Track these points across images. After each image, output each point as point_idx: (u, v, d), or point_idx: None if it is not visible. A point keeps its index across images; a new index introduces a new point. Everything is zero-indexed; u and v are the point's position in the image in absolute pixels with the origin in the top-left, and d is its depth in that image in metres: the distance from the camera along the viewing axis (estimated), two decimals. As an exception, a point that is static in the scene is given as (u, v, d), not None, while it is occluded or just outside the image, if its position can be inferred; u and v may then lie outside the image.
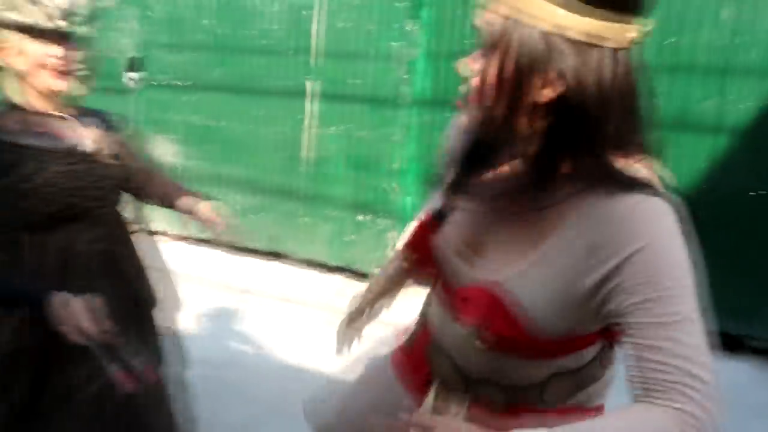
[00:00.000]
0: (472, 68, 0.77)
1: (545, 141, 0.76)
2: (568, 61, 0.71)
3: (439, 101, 3.74)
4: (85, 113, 1.40)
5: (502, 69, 0.73)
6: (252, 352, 3.01)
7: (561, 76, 0.71)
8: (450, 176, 0.91)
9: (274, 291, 3.88)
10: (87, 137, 1.36)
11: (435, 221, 0.91)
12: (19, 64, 1.25)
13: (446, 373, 0.98)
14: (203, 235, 4.55)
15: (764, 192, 3.31)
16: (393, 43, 3.90)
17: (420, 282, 1.11)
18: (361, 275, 4.10)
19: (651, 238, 0.73)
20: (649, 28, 0.74)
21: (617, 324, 0.76)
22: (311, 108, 4.14)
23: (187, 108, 4.57)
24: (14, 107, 1.29)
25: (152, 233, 1.59)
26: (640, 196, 0.74)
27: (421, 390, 1.03)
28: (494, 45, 0.73)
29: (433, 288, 1.01)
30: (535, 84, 0.72)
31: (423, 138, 4.00)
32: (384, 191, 4.03)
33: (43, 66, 1.26)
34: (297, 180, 4.25)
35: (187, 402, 1.56)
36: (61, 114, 1.33)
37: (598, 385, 0.96)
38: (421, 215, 0.96)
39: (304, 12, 4.06)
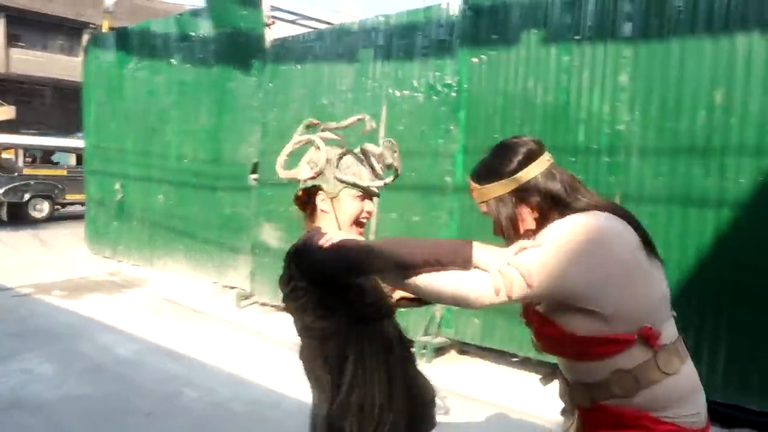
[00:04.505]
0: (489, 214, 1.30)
1: (541, 219, 1.24)
2: (533, 192, 1.23)
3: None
4: None
5: (507, 216, 1.26)
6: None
7: (532, 197, 1.23)
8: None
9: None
10: None
11: None
12: (340, 213, 1.46)
13: (565, 392, 1.34)
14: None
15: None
16: (439, 141, 4.46)
17: None
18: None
19: (559, 228, 1.17)
20: (549, 155, 1.27)
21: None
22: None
23: (289, 201, 5.54)
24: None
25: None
26: (575, 215, 1.19)
27: None
28: (492, 211, 1.28)
29: None
30: (524, 209, 1.25)
31: (463, 219, 4.28)
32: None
33: (357, 217, 1.47)
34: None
35: None
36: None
37: (661, 388, 1.17)
38: None
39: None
